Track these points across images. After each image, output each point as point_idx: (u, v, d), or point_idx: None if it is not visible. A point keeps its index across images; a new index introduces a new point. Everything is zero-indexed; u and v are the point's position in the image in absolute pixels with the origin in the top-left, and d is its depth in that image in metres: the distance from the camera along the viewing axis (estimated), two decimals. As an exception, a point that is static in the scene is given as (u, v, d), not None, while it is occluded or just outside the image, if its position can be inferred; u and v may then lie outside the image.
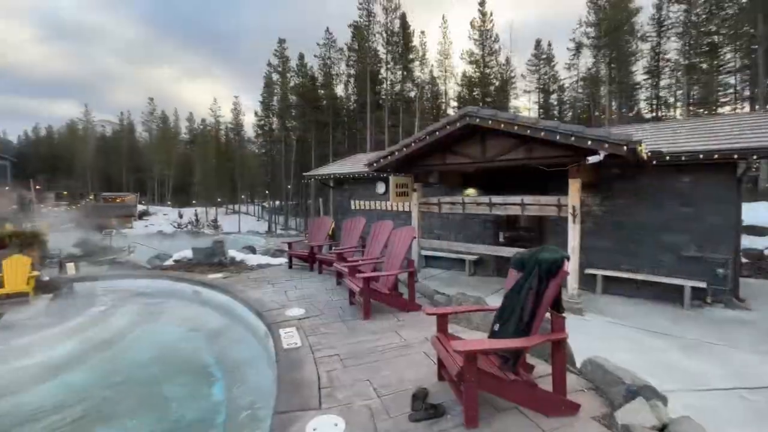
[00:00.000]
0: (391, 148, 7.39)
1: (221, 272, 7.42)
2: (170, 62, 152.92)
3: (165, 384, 4.07)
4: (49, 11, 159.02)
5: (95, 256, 13.80)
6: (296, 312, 4.75)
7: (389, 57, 37.07)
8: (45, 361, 4.36)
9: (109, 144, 69.18)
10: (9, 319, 6.24)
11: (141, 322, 5.75)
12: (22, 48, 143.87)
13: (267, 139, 48.42)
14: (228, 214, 45.30)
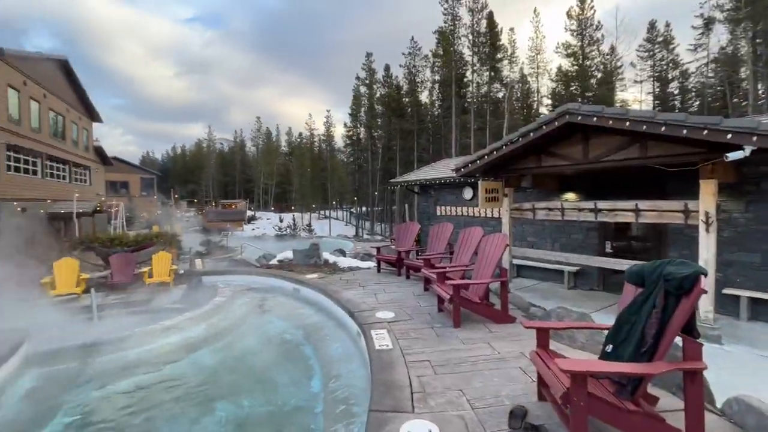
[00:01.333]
0: (480, 152, 7.16)
1: (317, 273, 8.04)
2: (272, 84, 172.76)
3: (272, 371, 4.55)
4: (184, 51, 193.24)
5: (216, 254, 16.19)
6: (386, 315, 4.89)
7: (475, 59, 36.09)
8: (182, 341, 5.24)
9: (226, 158, 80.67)
10: (156, 304, 7.68)
11: (252, 313, 6.55)
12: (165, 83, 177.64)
13: (355, 149, 51.18)
14: (320, 219, 48.99)
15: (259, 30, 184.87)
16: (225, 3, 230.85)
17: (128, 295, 8.06)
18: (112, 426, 3.44)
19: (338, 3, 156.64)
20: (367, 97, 47.74)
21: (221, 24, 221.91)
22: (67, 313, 6.70)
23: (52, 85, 20.19)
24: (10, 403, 3.52)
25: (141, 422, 3.48)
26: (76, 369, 4.23)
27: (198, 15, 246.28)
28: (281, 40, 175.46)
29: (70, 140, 22.74)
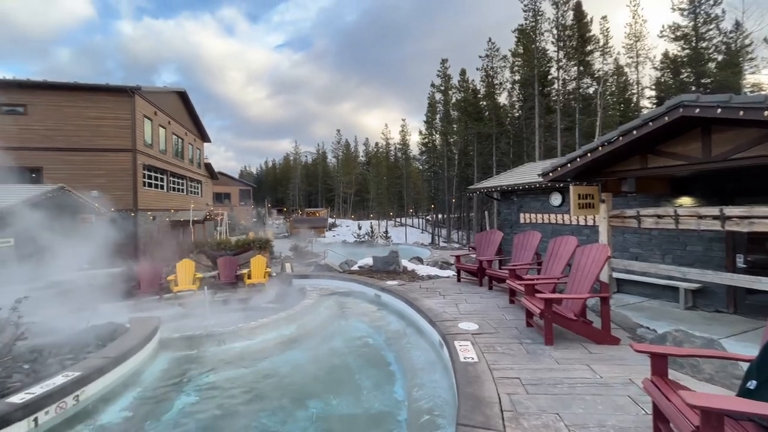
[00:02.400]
0: (572, 155, 6.58)
1: (396, 280, 8.16)
2: (351, 97, 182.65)
3: (357, 373, 4.72)
4: (275, 74, 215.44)
5: (302, 258, 17.47)
6: (469, 326, 4.74)
7: (561, 54, 33.50)
8: (277, 338, 5.74)
9: (310, 170, 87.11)
10: (254, 302, 8.54)
11: (337, 316, 6.89)
12: (259, 104, 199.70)
13: (430, 156, 51.13)
14: (396, 226, 49.85)
15: (338, 49, 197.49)
16: (310, 27, 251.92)
17: (232, 293, 9.11)
18: (222, 407, 3.89)
19: (413, 14, 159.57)
20: (443, 103, 47.46)
21: (307, 47, 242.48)
22: (187, 307, 7.83)
23: (174, 113, 24.05)
24: (149, 380, 4.23)
25: (245, 407, 3.88)
26: (194, 356, 4.91)
27: (287, 41, 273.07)
28: (358, 56, 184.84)
29: (187, 159, 26.74)
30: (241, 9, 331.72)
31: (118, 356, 3.88)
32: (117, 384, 3.82)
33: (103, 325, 4.89)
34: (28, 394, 3.04)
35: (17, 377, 3.42)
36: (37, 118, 17.48)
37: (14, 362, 3.69)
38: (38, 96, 17.57)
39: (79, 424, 3.27)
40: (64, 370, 3.50)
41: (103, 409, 3.53)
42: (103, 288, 9.65)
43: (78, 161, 17.60)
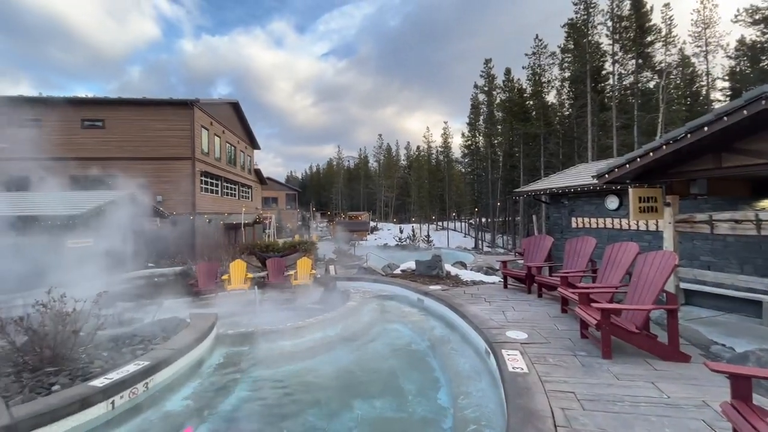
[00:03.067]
0: (631, 155, 6.12)
1: (439, 284, 8.06)
2: (392, 102, 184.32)
3: (400, 377, 4.71)
4: (320, 82, 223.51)
5: (345, 261, 17.81)
6: (518, 335, 4.56)
7: (616, 47, 31.35)
8: (323, 338, 5.89)
9: (352, 174, 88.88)
10: (300, 303, 8.84)
11: (380, 319, 6.94)
12: (305, 112, 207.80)
13: (473, 158, 50.04)
14: (438, 230, 49.26)
15: (380, 54, 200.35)
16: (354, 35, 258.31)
17: (280, 293, 9.50)
18: (272, 402, 4.06)
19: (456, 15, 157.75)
20: (486, 104, 46.33)
21: (350, 54, 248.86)
22: (239, 305, 8.29)
23: (228, 122, 25.67)
24: (207, 373, 4.52)
25: (293, 403, 4.02)
26: (247, 351, 5.18)
27: (332, 49, 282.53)
28: (401, 60, 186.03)
29: (239, 165, 28.40)
30: (289, 21, 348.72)
31: (182, 349, 4.19)
32: (180, 374, 4.13)
33: (168, 319, 5.32)
34: (107, 380, 3.38)
35: (98, 363, 3.82)
36: (113, 131, 19.50)
37: (95, 350, 4.13)
38: (114, 111, 19.61)
39: (148, 409, 3.57)
40: (136, 359, 3.85)
41: (168, 397, 3.83)
42: (166, 285, 10.51)
43: (146, 169, 19.33)
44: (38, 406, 2.93)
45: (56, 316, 3.91)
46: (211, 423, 3.67)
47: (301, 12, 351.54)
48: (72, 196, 14.12)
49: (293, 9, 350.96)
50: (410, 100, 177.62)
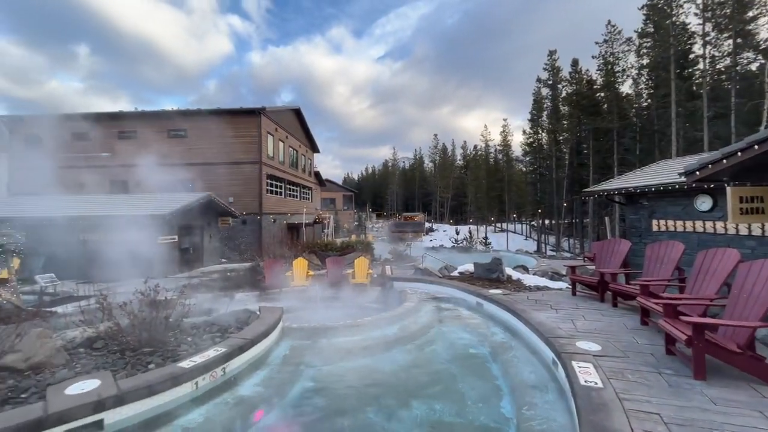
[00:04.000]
0: (729, 149, 5.33)
1: (500, 288, 7.74)
2: (449, 101, 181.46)
3: (460, 382, 4.61)
4: (376, 84, 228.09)
5: (401, 261, 17.90)
6: (590, 346, 4.21)
7: (708, 26, 27.61)
8: (381, 337, 5.97)
9: (407, 175, 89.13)
10: (358, 301, 9.05)
11: (437, 321, 6.85)
12: (362, 115, 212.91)
13: (536, 156, 47.36)
14: (496, 232, 47.39)
15: (437, 53, 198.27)
16: (410, 36, 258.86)
17: (338, 291, 9.82)
18: (333, 396, 4.21)
19: (516, 7, 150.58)
20: (551, 98, 43.63)
21: (406, 55, 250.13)
22: (301, 301, 8.72)
23: (291, 128, 27.18)
24: (274, 363, 4.83)
25: (353, 399, 4.12)
26: (310, 345, 5.43)
27: (389, 51, 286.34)
28: (458, 58, 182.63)
29: (301, 168, 29.91)
30: (347, 27, 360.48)
31: (253, 339, 4.53)
32: (251, 362, 4.46)
33: (241, 311, 5.77)
34: (192, 362, 3.76)
35: (184, 347, 4.27)
36: (193, 139, 21.70)
37: (181, 335, 4.62)
38: (194, 122, 21.81)
39: (224, 392, 3.91)
40: (215, 346, 4.23)
41: (241, 382, 4.15)
42: (236, 279, 11.42)
43: (220, 173, 21.24)
44: (138, 381, 3.35)
45: (151, 303, 4.45)
46: (279, 410, 3.91)
47: (358, 17, 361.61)
48: (160, 198, 15.97)
49: (350, 15, 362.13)
50: (467, 99, 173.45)
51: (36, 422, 2.74)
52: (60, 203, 15.63)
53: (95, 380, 3.32)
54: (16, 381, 3.36)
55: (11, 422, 2.67)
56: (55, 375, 3.50)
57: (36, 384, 3.33)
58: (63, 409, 2.86)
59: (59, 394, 3.07)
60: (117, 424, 3.09)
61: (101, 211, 14.19)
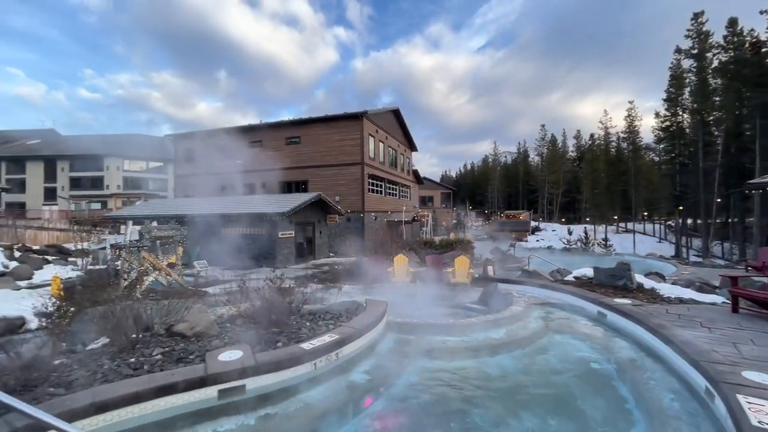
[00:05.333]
0: None
1: (628, 298, 6.69)
2: (560, 86, 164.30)
3: (580, 399, 4.13)
4: (475, 77, 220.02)
5: (504, 262, 16.92)
6: (764, 379, 3.33)
7: None
8: (485, 339, 5.73)
9: (509, 170, 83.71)
10: (458, 301, 8.85)
11: (549, 329, 6.27)
12: (460, 110, 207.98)
13: (675, 143, 39.46)
14: (619, 232, 41.00)
15: (545, 35, 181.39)
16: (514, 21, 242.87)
17: (438, 289, 9.76)
18: (438, 393, 4.18)
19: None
20: (696, 71, 35.89)
21: (510, 41, 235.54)
22: (401, 296, 8.93)
23: (389, 128, 28.05)
24: (381, 354, 5.05)
25: (457, 399, 4.03)
26: (413, 341, 5.53)
27: (490, 40, 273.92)
28: (571, 37, 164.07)
29: (399, 167, 30.67)
30: (446, 22, 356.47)
31: (361, 329, 4.82)
32: (360, 351, 4.74)
33: (349, 302, 6.20)
34: (311, 345, 4.18)
35: (303, 331, 4.77)
36: (306, 145, 24.13)
37: (301, 319, 5.18)
38: (306, 129, 24.25)
39: (338, 376, 4.24)
40: (329, 332, 4.63)
41: (351, 368, 4.46)
42: (343, 272, 12.29)
43: (328, 174, 23.18)
44: (270, 356, 3.87)
45: (278, 289, 5.09)
46: (385, 399, 4.08)
47: (457, 9, 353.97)
48: (280, 198, 18.21)
49: (449, 9, 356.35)
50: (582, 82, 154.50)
51: (200, 380, 3.39)
52: (208, 203, 19.11)
53: (239, 351, 3.95)
54: (185, 345, 4.21)
55: (187, 376, 3.37)
56: (211, 343, 4.28)
57: (198, 349, 4.12)
58: (218, 372, 3.48)
59: (214, 359, 3.75)
60: (255, 390, 3.63)
61: (235, 210, 16.84)
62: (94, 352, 3.99)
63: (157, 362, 3.74)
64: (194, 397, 3.36)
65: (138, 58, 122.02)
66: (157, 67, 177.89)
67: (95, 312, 4.34)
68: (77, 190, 42.90)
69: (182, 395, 3.31)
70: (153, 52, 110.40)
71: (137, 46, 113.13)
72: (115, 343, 4.07)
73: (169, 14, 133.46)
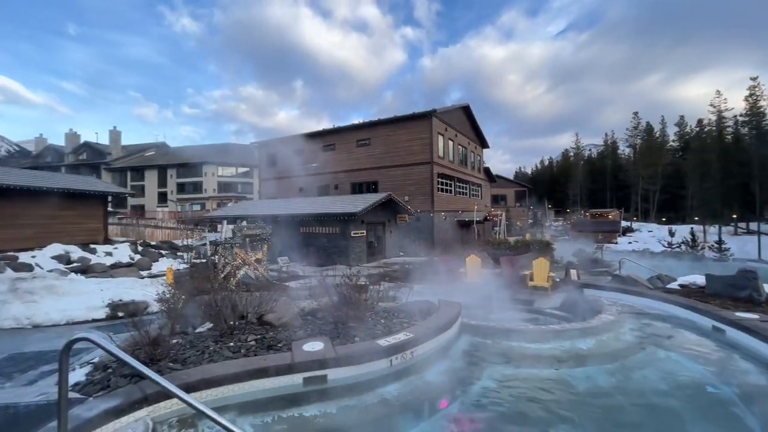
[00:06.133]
0: None
1: (754, 312, 5.61)
2: (657, 67, 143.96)
3: (689, 424, 3.59)
4: (554, 65, 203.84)
5: (589, 266, 15.42)
6: None
7: None
8: (571, 349, 5.27)
9: (594, 165, 75.88)
10: (537, 306, 8.29)
11: (647, 342, 5.54)
12: (536, 101, 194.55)
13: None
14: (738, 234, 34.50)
15: (639, 11, 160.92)
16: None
17: (514, 292, 9.26)
18: (517, 402, 3.95)
19: None
20: None
21: (595, 22, 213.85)
22: (475, 298, 8.64)
23: (459, 126, 27.36)
24: (456, 356, 4.96)
25: (538, 410, 3.77)
26: (489, 345, 5.32)
27: (571, 23, 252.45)
28: (670, 10, 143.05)
29: (470, 165, 29.76)
30: (520, 9, 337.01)
31: (436, 329, 4.78)
32: (434, 351, 4.72)
33: (422, 302, 6.20)
34: (386, 342, 4.27)
35: (378, 327, 4.90)
36: (375, 146, 24.70)
37: (376, 316, 5.32)
38: (375, 131, 24.81)
39: (413, 374, 4.27)
40: (404, 330, 4.68)
41: (426, 368, 4.45)
42: (413, 271, 12.33)
43: (397, 175, 23.44)
44: (349, 350, 4.05)
45: (354, 286, 5.30)
46: (461, 403, 3.99)
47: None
48: (352, 199, 18.92)
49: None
50: (686, 60, 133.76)
51: (287, 366, 3.68)
52: (287, 204, 20.65)
53: (320, 343, 4.20)
54: (274, 333, 4.61)
55: (277, 362, 3.69)
56: (296, 333, 4.62)
57: (285, 338, 4.47)
58: (303, 361, 3.75)
59: (299, 349, 4.04)
60: (336, 380, 3.82)
61: (311, 210, 17.93)
62: (201, 334, 4.57)
63: (251, 347, 4.16)
64: (283, 382, 3.66)
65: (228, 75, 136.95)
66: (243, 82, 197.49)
67: (201, 300, 4.97)
68: (182, 193, 49.65)
69: (273, 379, 3.63)
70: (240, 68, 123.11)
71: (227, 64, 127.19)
72: (217, 327, 4.61)
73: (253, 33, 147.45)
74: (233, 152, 49.18)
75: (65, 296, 7.84)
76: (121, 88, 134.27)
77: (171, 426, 3.13)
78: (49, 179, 16.57)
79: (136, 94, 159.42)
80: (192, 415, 3.18)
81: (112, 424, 2.87)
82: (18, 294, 7.60)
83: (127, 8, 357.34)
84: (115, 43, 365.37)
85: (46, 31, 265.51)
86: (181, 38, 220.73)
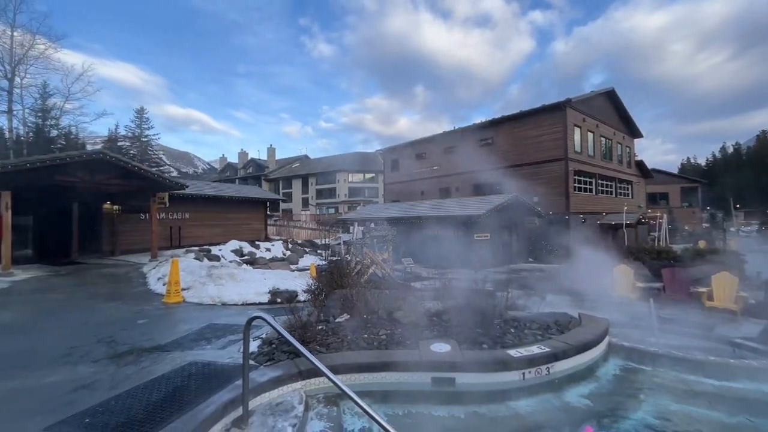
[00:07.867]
0: None
1: None
2: None
3: None
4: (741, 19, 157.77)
5: (806, 286, 11.35)
6: None
7: None
8: None
9: (813, 149, 55.58)
10: (721, 333, 6.51)
11: None
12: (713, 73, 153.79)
13: None
14: None
15: None
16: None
17: (682, 312, 7.52)
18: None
19: None
20: None
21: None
22: (626, 315, 7.33)
23: (601, 115, 23.70)
24: (604, 379, 4.29)
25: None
26: (649, 373, 4.43)
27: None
28: None
29: (615, 159, 25.50)
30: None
31: (578, 346, 4.24)
32: (576, 371, 4.18)
33: (560, 314, 5.58)
34: (518, 353, 4.00)
35: (508, 337, 4.62)
36: (499, 145, 23.43)
37: (505, 325, 5.03)
38: (498, 129, 23.53)
39: (549, 392, 3.88)
40: (538, 343, 4.30)
41: (566, 387, 3.98)
42: (545, 280, 11.22)
43: (524, 173, 21.72)
44: (477, 356, 3.94)
45: (480, 291, 5.14)
46: (610, 433, 3.44)
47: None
48: (476, 201, 18.36)
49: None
50: None
51: (415, 364, 3.80)
52: (410, 207, 21.36)
53: (447, 345, 4.20)
54: (402, 330, 4.83)
55: (407, 358, 3.87)
56: (423, 333, 4.74)
57: (412, 336, 4.64)
58: (430, 360, 3.82)
59: (427, 348, 4.13)
60: (463, 385, 3.77)
61: (434, 212, 18.10)
62: (340, 324, 5.12)
63: (382, 341, 4.45)
64: (412, 378, 3.80)
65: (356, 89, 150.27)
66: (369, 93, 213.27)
67: (340, 293, 5.57)
68: (320, 198, 56.81)
69: (403, 374, 3.80)
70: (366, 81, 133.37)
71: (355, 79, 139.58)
72: (353, 319, 5.09)
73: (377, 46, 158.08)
74: (362, 160, 53.91)
75: (241, 282, 9.84)
76: (274, 111, 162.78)
77: (319, 401, 3.59)
78: (227, 189, 21.27)
79: (285, 116, 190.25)
80: (336, 395, 3.59)
81: (276, 390, 3.47)
82: (212, 278, 9.90)
83: (278, 43, 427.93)
84: (271, 74, 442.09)
85: (224, 73, 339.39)
86: (317, 62, 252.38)
